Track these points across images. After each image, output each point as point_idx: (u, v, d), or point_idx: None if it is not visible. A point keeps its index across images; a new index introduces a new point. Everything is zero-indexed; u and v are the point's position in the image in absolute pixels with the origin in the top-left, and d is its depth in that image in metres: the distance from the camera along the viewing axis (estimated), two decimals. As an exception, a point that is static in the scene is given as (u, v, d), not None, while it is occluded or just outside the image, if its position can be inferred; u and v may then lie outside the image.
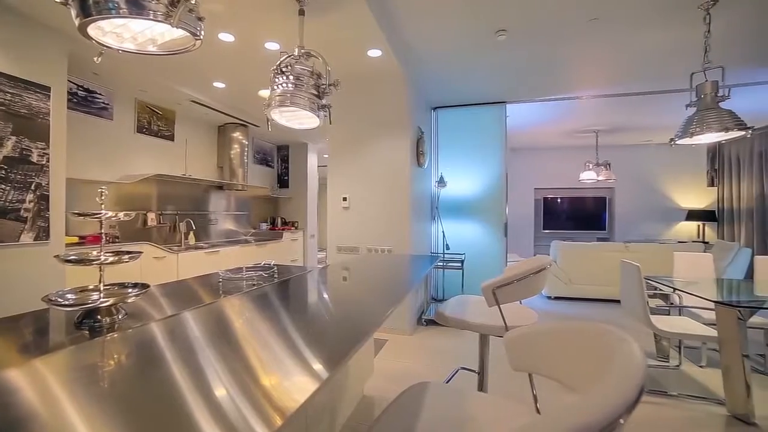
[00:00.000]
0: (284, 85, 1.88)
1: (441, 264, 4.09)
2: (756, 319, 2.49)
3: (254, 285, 1.57)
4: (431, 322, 3.73)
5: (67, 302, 1.09)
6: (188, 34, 1.21)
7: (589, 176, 6.11)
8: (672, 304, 2.95)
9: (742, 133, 2.22)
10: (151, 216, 3.99)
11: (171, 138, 4.30)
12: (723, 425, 2.00)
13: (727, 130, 2.23)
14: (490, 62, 3.29)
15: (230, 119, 4.78)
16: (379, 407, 2.15)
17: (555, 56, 3.16)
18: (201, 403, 0.58)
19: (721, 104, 2.33)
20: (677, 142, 2.49)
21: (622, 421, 0.48)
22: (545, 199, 7.41)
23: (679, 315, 2.83)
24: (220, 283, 1.63)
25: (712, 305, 2.19)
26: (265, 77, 2.02)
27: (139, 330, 0.95)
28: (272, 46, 2.73)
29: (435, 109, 4.55)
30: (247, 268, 1.84)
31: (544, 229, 7.39)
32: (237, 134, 5.03)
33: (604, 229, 7.20)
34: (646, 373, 0.57)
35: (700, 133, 2.32)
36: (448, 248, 4.35)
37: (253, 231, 5.67)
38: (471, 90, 4.00)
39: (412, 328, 3.54)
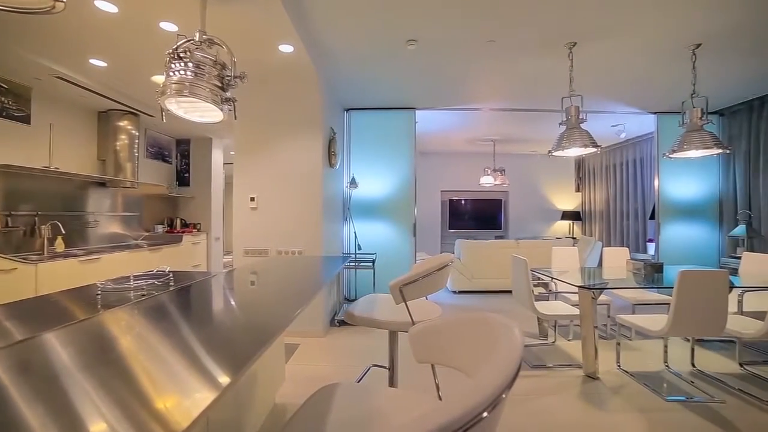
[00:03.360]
0: (182, 72, 1.70)
1: (353, 264, 4.14)
2: (602, 297, 3.13)
3: (144, 295, 1.39)
4: (344, 323, 3.75)
5: None
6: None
7: (487, 180, 6.82)
8: (550, 290, 3.47)
9: (595, 149, 2.75)
10: (-6, 218, 3.18)
11: (26, 120, 3.45)
12: (580, 384, 2.49)
13: (585, 146, 2.72)
14: (401, 69, 3.44)
15: (115, 105, 4.12)
16: (291, 414, 2.09)
17: (459, 70, 3.45)
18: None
19: (582, 125, 2.84)
20: (554, 154, 2.94)
21: (504, 396, 0.56)
22: (450, 200, 8.04)
23: (555, 300, 3.35)
24: (99, 296, 1.40)
25: (576, 289, 2.66)
26: (160, 61, 1.80)
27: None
28: (169, 27, 2.45)
29: (348, 110, 4.59)
30: (135, 276, 1.62)
31: (449, 228, 8.00)
32: (124, 123, 4.38)
33: (501, 228, 8.10)
34: (523, 353, 0.67)
35: (568, 147, 2.79)
36: (359, 248, 4.42)
37: (146, 234, 4.99)
38: (383, 94, 4.13)
39: (325, 329, 3.52)
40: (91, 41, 2.71)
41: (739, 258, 3.46)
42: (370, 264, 4.10)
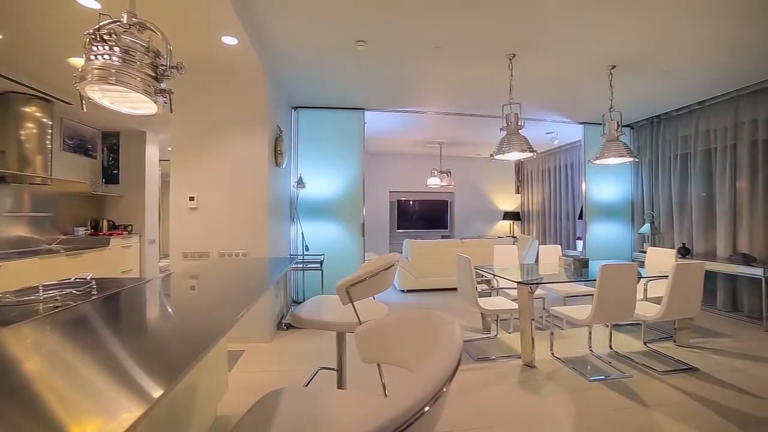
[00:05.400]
0: (106, 57, 1.53)
1: (301, 266, 4.04)
2: (538, 292, 3.40)
3: (58, 307, 1.24)
4: (291, 326, 3.65)
5: None
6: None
7: (434, 182, 7.04)
8: (492, 287, 3.67)
9: (531, 154, 2.97)
10: None
11: None
12: (518, 373, 2.68)
13: (523, 151, 2.92)
14: (351, 70, 3.43)
15: (17, 87, 3.53)
16: (234, 424, 1.99)
17: (407, 73, 3.53)
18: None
19: (521, 131, 3.04)
20: (495, 157, 3.12)
21: (445, 389, 0.58)
22: (399, 201, 8.17)
23: (497, 295, 3.55)
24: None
25: (515, 284, 2.84)
26: (78, 41, 1.61)
27: None
28: (89, 3, 2.19)
29: (296, 108, 4.47)
30: (45, 285, 1.43)
31: (398, 228, 8.13)
32: (31, 109, 3.81)
33: (447, 228, 8.41)
34: (466, 347, 0.71)
35: (508, 151, 2.97)
36: (307, 249, 4.33)
37: (64, 237, 4.44)
38: (332, 94, 4.09)
39: (272, 334, 3.40)
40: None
41: (645, 252, 3.96)
42: (318, 265, 4.03)
